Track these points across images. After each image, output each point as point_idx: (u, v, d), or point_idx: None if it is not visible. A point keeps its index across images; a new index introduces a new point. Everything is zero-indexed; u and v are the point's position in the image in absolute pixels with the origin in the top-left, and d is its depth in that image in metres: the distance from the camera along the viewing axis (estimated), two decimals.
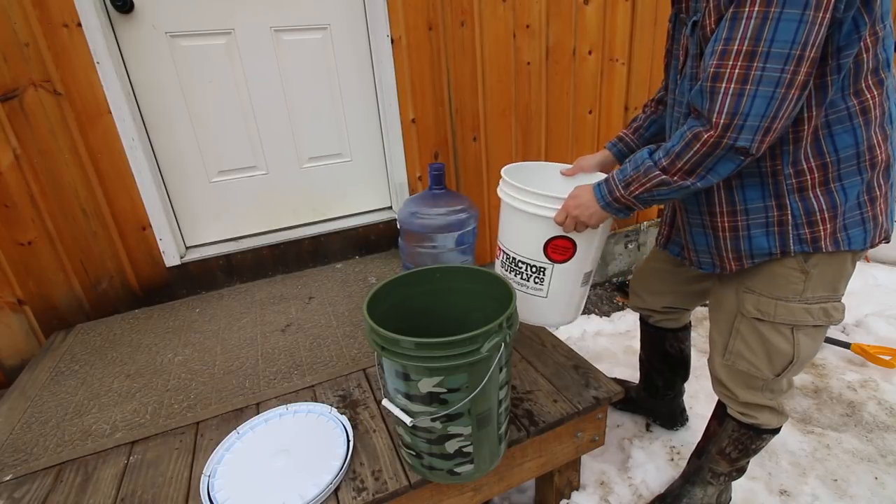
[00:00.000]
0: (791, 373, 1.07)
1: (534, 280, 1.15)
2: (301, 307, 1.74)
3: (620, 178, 0.96)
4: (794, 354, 1.03)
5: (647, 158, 0.91)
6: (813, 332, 1.02)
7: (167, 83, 1.71)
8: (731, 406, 1.19)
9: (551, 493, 1.36)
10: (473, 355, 0.82)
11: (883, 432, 1.60)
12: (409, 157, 2.02)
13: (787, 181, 0.90)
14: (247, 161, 1.91)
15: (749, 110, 0.77)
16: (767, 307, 1.02)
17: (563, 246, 1.10)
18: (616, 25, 2.19)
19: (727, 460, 1.24)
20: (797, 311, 0.99)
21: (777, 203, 0.93)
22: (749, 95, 0.76)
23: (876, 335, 2.05)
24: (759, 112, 0.76)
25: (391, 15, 1.80)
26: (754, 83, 0.75)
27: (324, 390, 1.31)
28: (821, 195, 0.90)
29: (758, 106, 0.76)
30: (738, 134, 0.78)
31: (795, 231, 0.93)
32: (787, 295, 0.99)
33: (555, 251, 1.10)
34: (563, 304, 1.20)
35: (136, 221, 1.74)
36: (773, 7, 0.72)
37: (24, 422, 1.27)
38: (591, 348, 2.12)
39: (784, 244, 0.95)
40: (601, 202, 1.00)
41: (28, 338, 1.71)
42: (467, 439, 0.94)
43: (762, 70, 0.75)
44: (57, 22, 1.47)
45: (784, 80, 0.75)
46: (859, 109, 0.85)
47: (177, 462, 1.11)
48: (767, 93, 0.75)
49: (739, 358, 1.10)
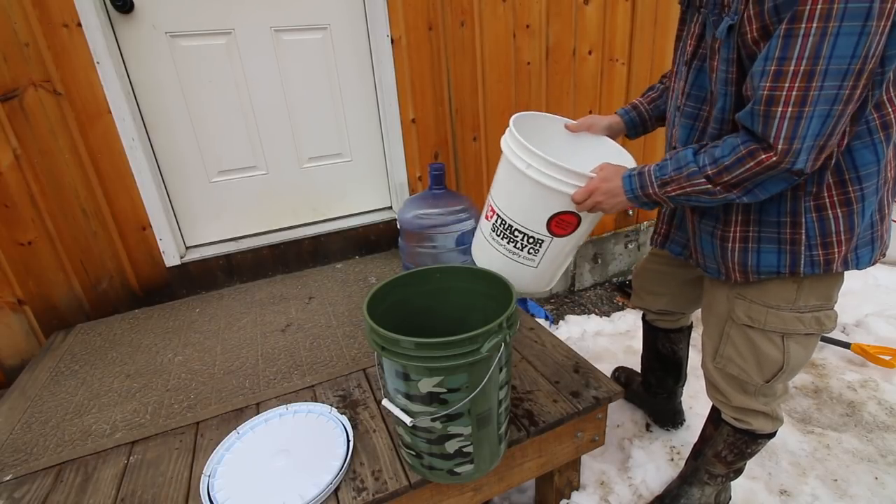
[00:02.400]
0: (781, 380, 1.05)
1: (528, 251, 1.08)
2: (301, 307, 1.74)
3: (658, 175, 0.90)
4: (784, 362, 1.02)
5: (692, 162, 0.85)
6: (804, 340, 1.01)
7: (167, 83, 1.71)
8: (724, 411, 1.18)
9: (551, 493, 1.36)
10: (473, 355, 0.82)
11: (883, 432, 1.60)
12: (409, 157, 2.02)
13: (806, 199, 0.87)
14: (247, 161, 1.91)
15: (807, 132, 0.73)
16: (758, 314, 1.00)
17: (567, 221, 1.03)
18: (616, 25, 2.19)
19: (723, 463, 1.24)
20: (789, 319, 0.98)
21: (792, 220, 0.89)
22: (807, 117, 0.72)
23: (876, 335, 2.05)
24: (815, 132, 0.73)
25: (391, 15, 1.80)
26: (812, 104, 0.71)
27: (324, 390, 1.31)
28: (841, 216, 0.86)
29: (814, 126, 0.72)
30: (796, 158, 0.74)
31: (808, 252, 0.90)
32: (779, 303, 0.97)
33: (559, 226, 1.04)
34: (549, 276, 1.15)
35: (136, 221, 1.74)
36: (832, 22, 0.66)
37: (24, 422, 1.27)
38: (591, 348, 2.12)
39: (794, 265, 0.91)
40: (629, 194, 0.95)
41: (28, 338, 1.71)
42: (467, 439, 0.94)
43: (820, 90, 0.70)
44: (57, 22, 1.47)
45: (842, 97, 0.71)
46: (880, 124, 0.80)
47: (177, 462, 1.11)
48: (824, 111, 0.71)
49: (730, 362, 1.09)
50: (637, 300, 1.48)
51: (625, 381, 1.80)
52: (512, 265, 1.11)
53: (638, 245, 2.75)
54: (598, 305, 2.55)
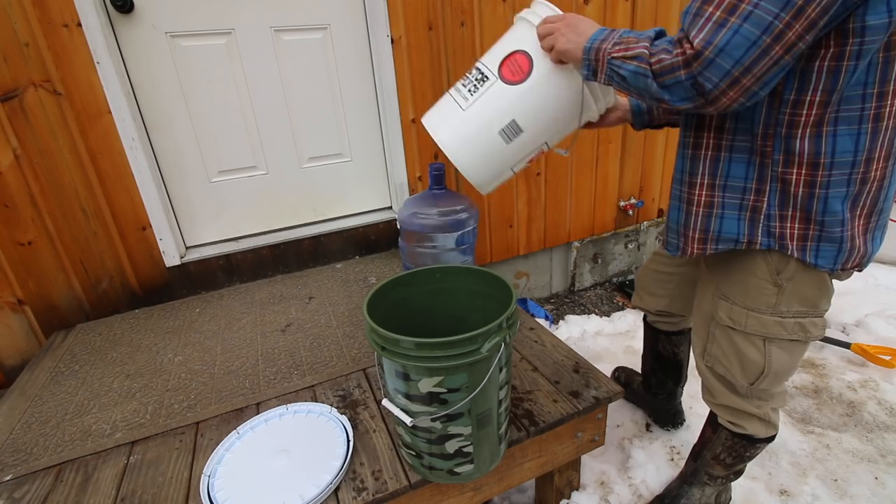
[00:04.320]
0: (766, 383, 1.04)
1: (469, 88, 1.00)
2: (301, 307, 1.74)
3: (617, 35, 0.85)
4: (766, 366, 1.01)
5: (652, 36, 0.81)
6: (788, 345, 0.99)
7: (167, 83, 1.71)
8: (719, 414, 1.18)
9: (551, 493, 1.36)
10: (473, 355, 0.82)
11: (883, 432, 1.60)
12: (409, 157, 2.02)
13: (774, 167, 0.85)
14: (247, 161, 1.91)
15: (724, 45, 0.69)
16: (739, 317, 1.00)
17: (519, 64, 0.96)
18: (616, 25, 2.18)
19: (722, 466, 1.24)
20: (769, 323, 0.97)
21: (757, 187, 0.87)
22: (731, 28, 0.69)
23: (876, 335, 2.05)
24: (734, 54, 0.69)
25: (391, 15, 1.80)
26: (740, 18, 0.68)
27: (324, 390, 1.31)
28: (801, 195, 0.85)
29: (735, 44, 0.68)
30: (703, 68, 0.71)
31: (766, 221, 0.88)
32: (760, 306, 0.97)
33: (509, 67, 0.97)
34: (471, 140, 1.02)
35: (136, 221, 1.74)
36: None
37: (24, 422, 1.27)
38: (591, 348, 2.12)
39: (752, 233, 0.90)
40: (589, 42, 0.87)
41: (28, 338, 1.71)
42: (467, 439, 0.94)
43: (754, 6, 0.67)
44: (57, 22, 1.47)
45: (773, 29, 0.67)
46: (873, 115, 0.77)
47: (177, 462, 1.11)
48: (751, 34, 0.68)
49: (717, 362, 1.09)
50: (637, 300, 1.48)
51: (625, 381, 1.80)
52: (445, 102, 1.03)
53: (638, 245, 2.75)
54: (598, 305, 2.55)
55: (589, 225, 2.55)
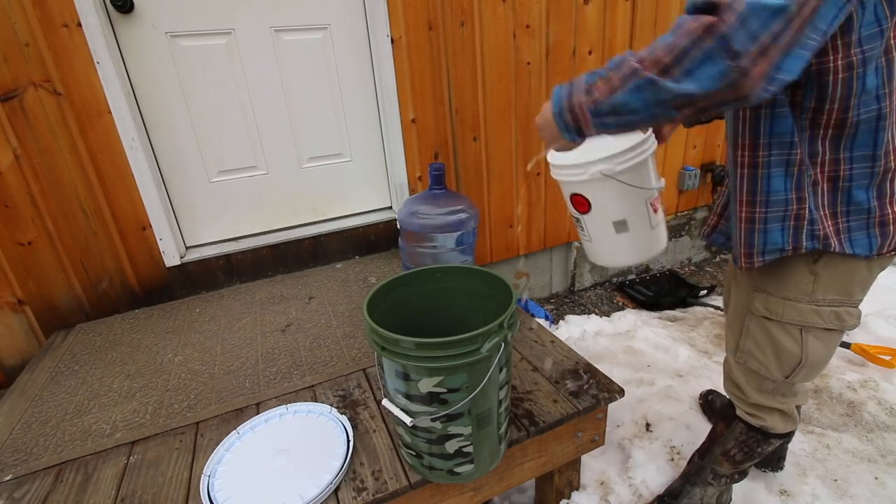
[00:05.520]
0: (801, 376, 1.05)
1: (579, 228, 1.26)
2: (301, 307, 1.74)
3: (587, 78, 0.79)
4: (803, 356, 1.02)
5: (628, 54, 0.76)
6: (824, 335, 1.01)
7: (167, 83, 1.71)
8: (740, 406, 1.18)
9: (551, 493, 1.36)
10: (473, 355, 0.82)
11: (883, 432, 1.60)
12: (409, 157, 2.02)
13: (808, 172, 0.89)
14: (247, 161, 1.91)
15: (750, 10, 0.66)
16: (776, 306, 1.01)
17: (578, 201, 1.19)
18: (616, 25, 2.19)
19: (731, 462, 1.24)
20: (806, 311, 0.98)
21: (798, 196, 0.91)
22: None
23: (876, 335, 2.05)
24: (762, 19, 0.66)
25: (391, 15, 1.80)
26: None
27: (324, 390, 1.31)
28: (826, 191, 0.89)
29: (760, 12, 0.66)
30: (735, 29, 0.66)
31: (810, 227, 0.92)
32: (796, 295, 0.98)
33: (576, 205, 1.20)
34: (609, 248, 1.26)
35: (136, 221, 1.74)
36: None
37: (24, 422, 1.27)
38: (591, 348, 2.12)
39: (797, 240, 0.93)
40: (555, 108, 0.83)
41: (28, 338, 1.71)
42: (467, 439, 0.94)
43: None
44: (57, 22, 1.47)
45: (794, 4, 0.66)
46: (889, 111, 0.83)
47: (177, 462, 1.11)
48: (778, 4, 0.66)
49: (750, 357, 1.10)
50: None
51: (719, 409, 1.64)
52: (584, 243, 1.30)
53: None
54: (598, 305, 2.55)
55: None
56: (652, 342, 2.13)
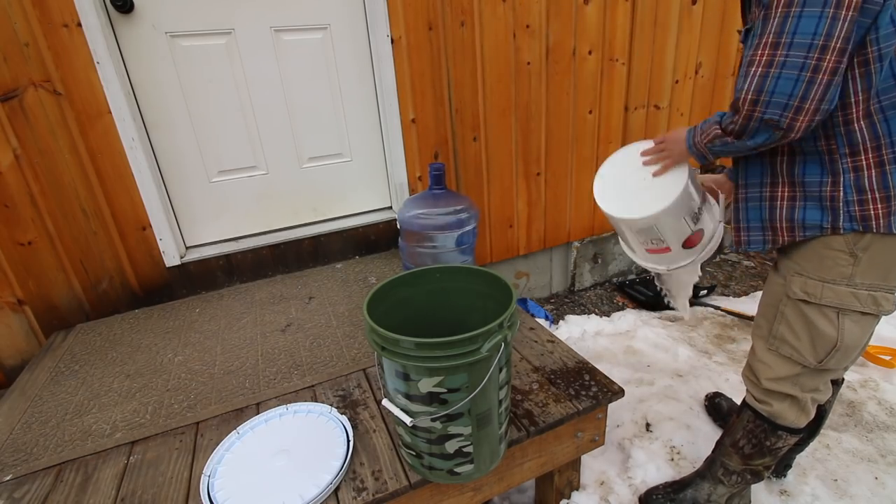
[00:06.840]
0: (834, 360, 1.06)
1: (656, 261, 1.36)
2: (301, 307, 1.74)
3: (700, 126, 1.09)
4: (839, 339, 1.03)
5: (718, 117, 1.03)
6: (860, 319, 1.03)
7: (167, 83, 1.71)
8: (751, 391, 1.19)
9: (551, 493, 1.36)
10: (473, 355, 0.82)
11: (883, 432, 1.60)
12: (409, 157, 2.02)
13: (843, 160, 0.96)
14: (247, 161, 1.91)
15: (774, 89, 0.88)
16: (814, 289, 1.03)
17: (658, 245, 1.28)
18: (616, 25, 2.19)
19: (739, 455, 1.23)
20: (844, 294, 1.00)
21: (832, 181, 0.98)
22: (773, 77, 0.88)
23: (876, 335, 2.03)
24: (784, 91, 0.88)
25: (391, 15, 1.80)
26: (778, 67, 0.88)
27: (324, 390, 1.31)
28: (874, 175, 0.95)
29: (782, 86, 0.87)
30: (764, 109, 0.90)
31: (846, 208, 0.97)
32: (835, 277, 1.00)
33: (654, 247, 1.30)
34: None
35: (136, 221, 1.74)
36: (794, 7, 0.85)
37: (24, 422, 1.27)
38: (591, 348, 2.12)
39: (835, 220, 0.98)
40: (689, 141, 1.12)
41: (28, 338, 1.71)
42: (467, 439, 0.94)
43: (785, 56, 0.87)
44: (57, 22, 1.47)
45: (809, 66, 0.85)
46: None
47: (177, 462, 1.11)
48: (792, 75, 0.86)
49: (783, 343, 1.11)
50: None
51: (726, 411, 1.65)
52: None
53: None
54: (598, 305, 2.55)
55: (589, 225, 2.55)
56: (652, 342, 2.13)
